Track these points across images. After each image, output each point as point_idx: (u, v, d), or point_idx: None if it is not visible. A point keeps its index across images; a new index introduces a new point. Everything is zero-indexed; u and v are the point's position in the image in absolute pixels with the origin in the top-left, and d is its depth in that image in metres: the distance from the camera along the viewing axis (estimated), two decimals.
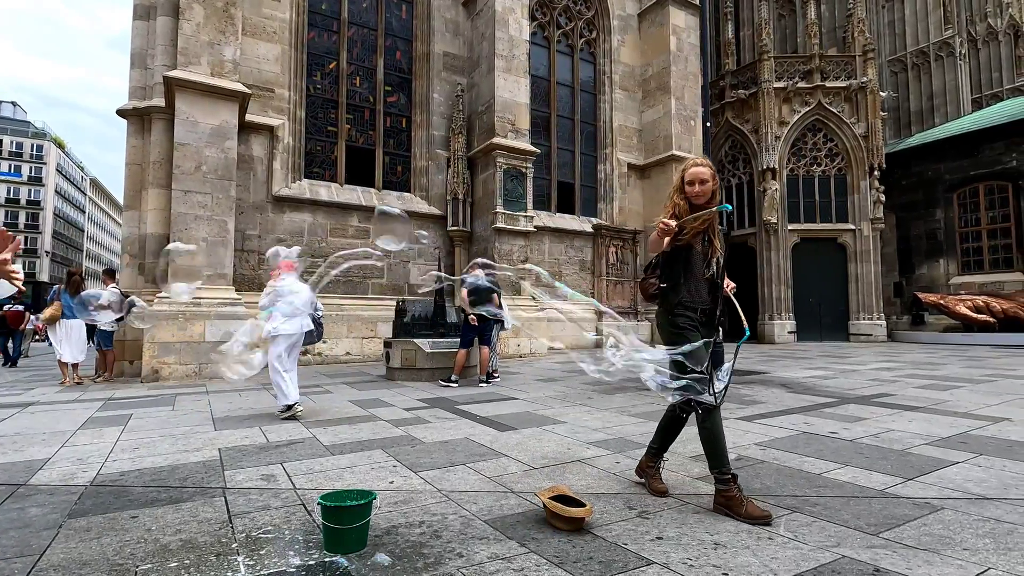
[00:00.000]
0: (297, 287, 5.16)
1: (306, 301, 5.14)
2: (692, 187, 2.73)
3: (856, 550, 2.10)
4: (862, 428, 4.32)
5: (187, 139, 8.73)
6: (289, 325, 5.09)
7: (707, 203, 2.72)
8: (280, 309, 5.03)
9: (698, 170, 2.75)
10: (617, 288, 14.74)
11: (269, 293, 5.11)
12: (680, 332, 2.72)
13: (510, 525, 2.42)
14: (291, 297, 5.05)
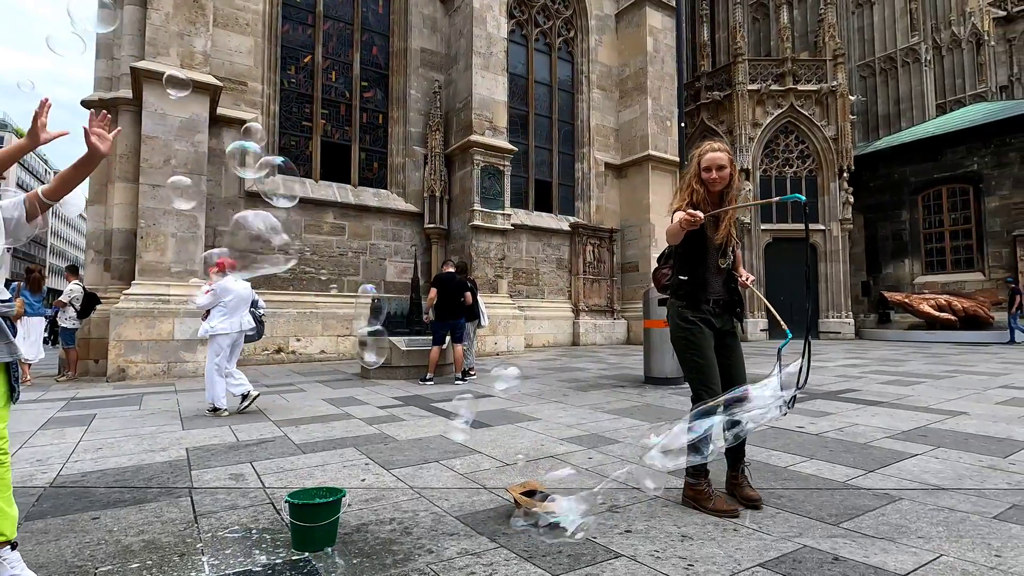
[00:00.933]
0: (235, 285, 5.16)
1: (243, 299, 5.20)
2: (709, 173, 2.62)
3: (817, 540, 2.16)
4: (828, 423, 4.43)
5: (156, 132, 8.51)
6: (226, 323, 5.10)
7: (725, 189, 2.64)
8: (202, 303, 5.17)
9: (715, 155, 2.62)
10: (594, 286, 14.85)
11: (208, 292, 5.12)
12: (688, 329, 2.70)
13: (481, 521, 2.42)
14: (228, 296, 5.09)
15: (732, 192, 2.67)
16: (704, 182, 2.65)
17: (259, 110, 10.64)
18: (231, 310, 5.14)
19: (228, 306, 5.13)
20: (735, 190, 2.69)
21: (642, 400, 5.67)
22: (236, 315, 5.16)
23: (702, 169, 2.65)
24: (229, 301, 5.10)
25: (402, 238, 12.15)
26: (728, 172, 2.63)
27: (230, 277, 5.14)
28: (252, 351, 9.63)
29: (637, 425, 4.43)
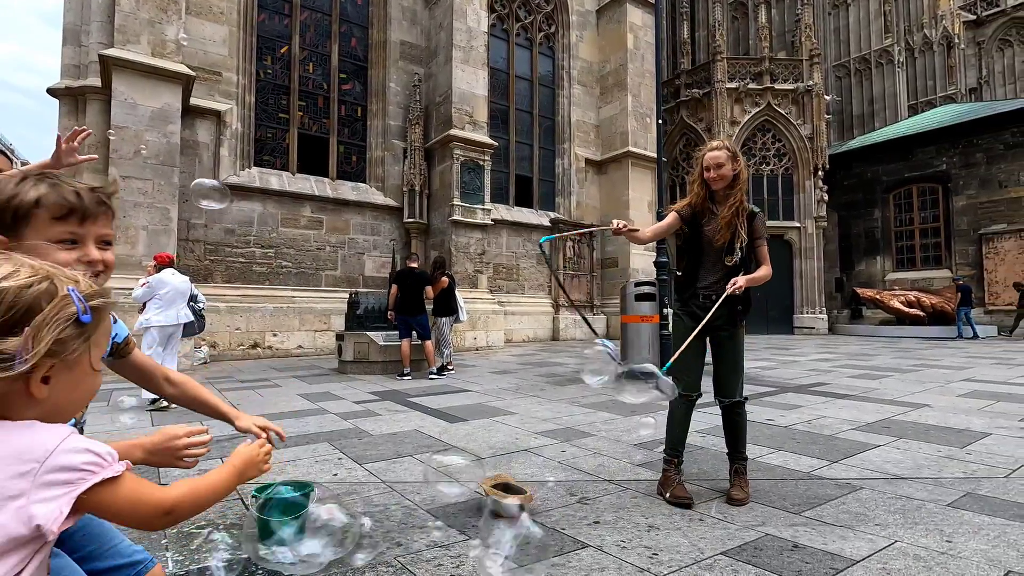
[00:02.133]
0: (170, 279, 5.26)
1: (180, 292, 5.29)
2: (709, 172, 2.65)
3: (779, 528, 2.22)
4: (797, 415, 4.54)
5: (125, 122, 8.30)
6: (162, 316, 5.18)
7: (728, 187, 2.64)
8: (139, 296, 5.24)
9: (713, 155, 2.65)
10: (574, 282, 14.92)
11: (144, 285, 5.24)
12: (676, 318, 2.79)
13: (452, 514, 2.43)
14: (164, 289, 5.17)
15: (738, 189, 2.65)
16: (706, 182, 2.68)
17: (234, 101, 10.45)
18: (167, 303, 5.22)
19: (164, 299, 5.21)
20: (741, 187, 2.66)
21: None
22: (172, 308, 5.24)
23: (703, 169, 2.68)
24: (165, 294, 5.19)
25: (381, 232, 12.06)
26: (728, 170, 2.64)
27: (167, 271, 5.31)
28: (228, 346, 9.50)
29: (612, 419, 4.48)
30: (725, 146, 2.69)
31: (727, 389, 2.75)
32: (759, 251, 2.70)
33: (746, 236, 2.65)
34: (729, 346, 2.74)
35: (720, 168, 2.63)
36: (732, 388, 2.74)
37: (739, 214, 2.64)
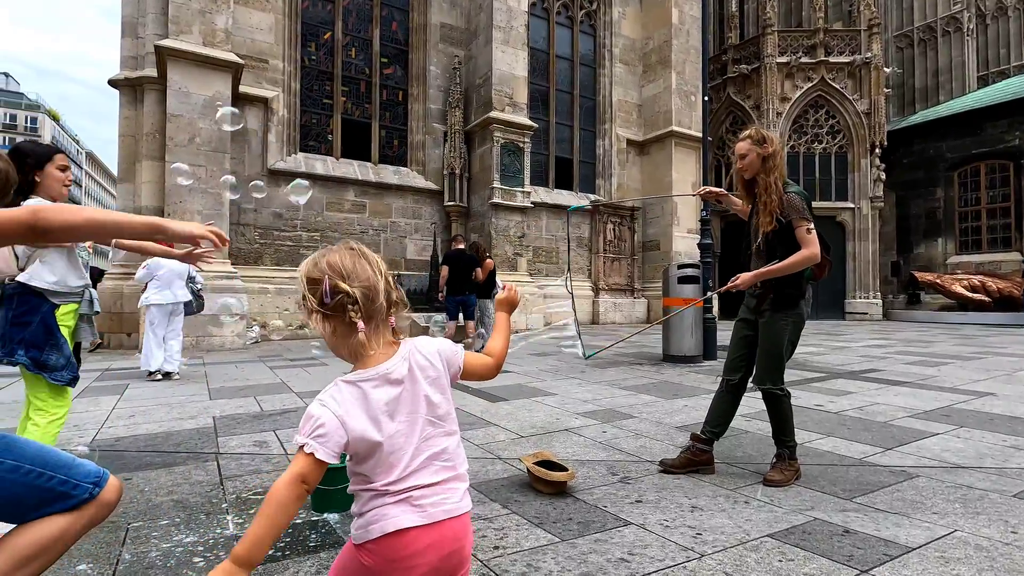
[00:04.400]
0: (167, 261, 5.66)
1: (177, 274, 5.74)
2: (737, 163, 2.72)
3: (829, 513, 2.16)
4: (848, 401, 4.38)
5: (180, 110, 8.64)
6: (159, 296, 5.64)
7: (758, 174, 2.64)
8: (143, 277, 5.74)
9: (737, 147, 2.72)
10: (614, 265, 14.75)
11: (143, 267, 5.75)
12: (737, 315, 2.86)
13: (494, 489, 2.48)
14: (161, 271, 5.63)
15: (770, 176, 2.60)
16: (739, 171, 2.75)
17: (280, 88, 10.70)
18: (164, 283, 5.67)
19: (162, 280, 5.67)
20: (773, 172, 2.61)
21: (659, 377, 5.67)
22: (169, 288, 5.69)
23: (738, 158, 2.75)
24: (162, 275, 5.63)
25: (422, 216, 12.20)
26: (751, 158, 2.65)
27: None
28: (277, 327, 9.86)
29: (653, 401, 4.44)
30: (748, 135, 2.70)
31: (755, 376, 2.73)
32: (796, 233, 2.57)
33: (775, 220, 2.57)
34: (763, 334, 2.69)
35: (744, 158, 2.68)
36: (759, 375, 2.70)
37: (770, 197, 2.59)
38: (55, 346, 2.18)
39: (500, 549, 1.86)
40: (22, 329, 2.13)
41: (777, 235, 2.60)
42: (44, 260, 2.19)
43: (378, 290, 0.96)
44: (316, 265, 0.96)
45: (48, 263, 2.20)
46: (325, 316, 0.95)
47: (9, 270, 2.15)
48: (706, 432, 2.74)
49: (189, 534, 1.99)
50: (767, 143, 2.64)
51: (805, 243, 2.55)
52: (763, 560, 1.77)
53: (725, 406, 2.79)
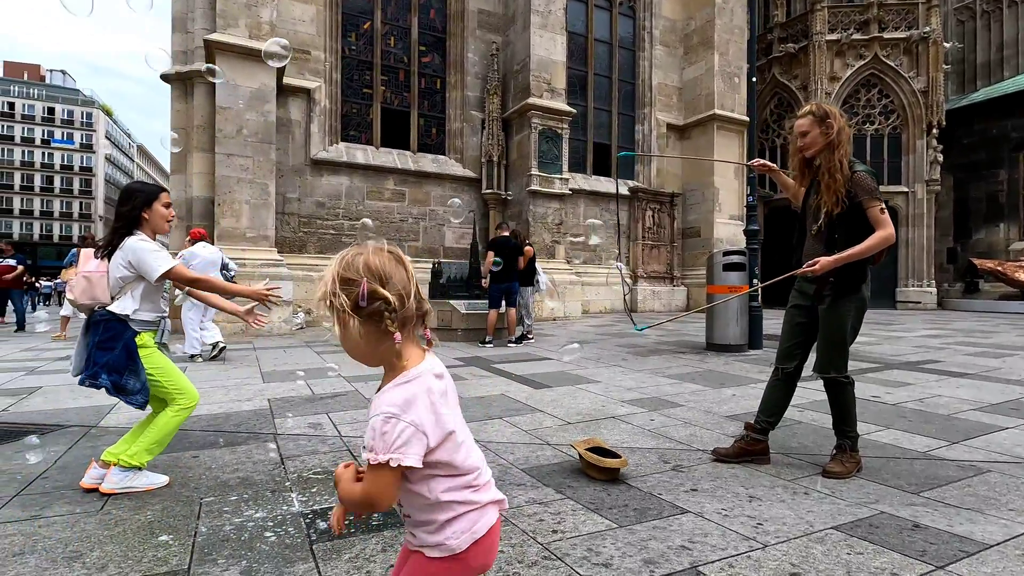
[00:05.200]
0: (201, 251, 6.09)
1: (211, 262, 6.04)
2: (798, 142, 2.60)
3: (895, 507, 2.09)
4: (906, 393, 4.22)
5: (228, 103, 8.88)
6: None
7: (820, 152, 2.53)
8: None
9: (797, 123, 2.61)
10: (653, 252, 14.52)
11: (178, 257, 5.94)
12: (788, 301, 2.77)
13: (546, 474, 2.49)
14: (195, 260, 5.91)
15: (835, 154, 2.48)
16: (800, 150, 2.64)
17: (322, 78, 10.87)
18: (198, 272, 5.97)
19: (196, 269, 5.93)
20: (838, 150, 2.49)
21: (704, 366, 5.57)
22: None
23: (797, 137, 2.65)
24: (196, 264, 5.88)
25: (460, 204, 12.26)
26: (813, 136, 2.54)
27: (199, 244, 6.23)
28: (320, 314, 10.11)
29: (700, 390, 4.37)
30: (810, 111, 2.58)
31: (818, 364, 2.63)
32: (868, 214, 2.46)
33: (840, 201, 2.45)
34: (825, 320, 2.59)
35: (805, 136, 2.57)
36: (821, 363, 2.61)
37: (835, 176, 2.46)
38: (134, 372, 2.30)
39: (559, 533, 1.88)
40: (106, 353, 2.27)
41: (842, 217, 2.49)
42: (134, 293, 2.33)
43: (412, 297, 0.91)
44: (351, 265, 0.89)
45: (136, 296, 2.34)
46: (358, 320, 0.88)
47: (104, 299, 2.32)
48: (760, 422, 2.69)
49: (258, 510, 2.07)
50: (831, 119, 2.52)
51: (880, 224, 2.44)
52: (830, 552, 1.73)
53: (779, 395, 2.72)
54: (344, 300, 0.87)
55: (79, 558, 1.68)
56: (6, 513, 2.02)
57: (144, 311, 2.37)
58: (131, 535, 1.85)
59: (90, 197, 62.08)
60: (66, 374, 5.17)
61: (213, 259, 6.18)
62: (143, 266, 2.29)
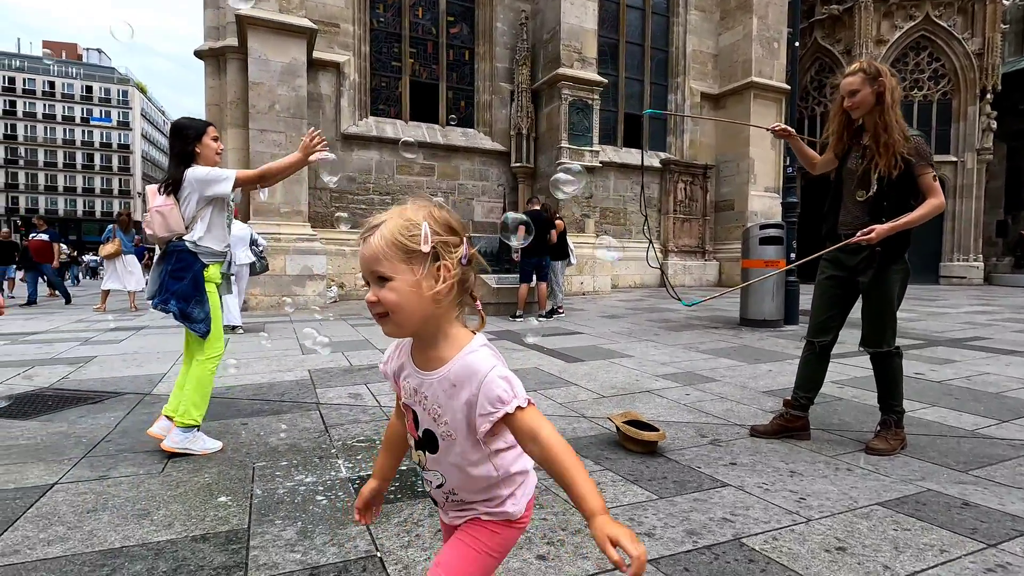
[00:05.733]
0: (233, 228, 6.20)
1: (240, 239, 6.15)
2: (845, 101, 2.46)
3: (943, 485, 2.06)
4: (952, 370, 4.10)
5: (260, 78, 8.94)
6: None
7: (871, 113, 2.40)
8: None
9: (846, 81, 2.45)
10: (685, 226, 14.25)
11: None
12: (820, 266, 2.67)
13: (584, 446, 2.52)
14: None
15: (888, 114, 2.35)
16: (846, 113, 2.50)
17: (351, 52, 10.83)
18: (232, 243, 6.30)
19: None
20: (891, 109, 2.35)
21: (738, 341, 5.50)
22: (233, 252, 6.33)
23: (841, 99, 2.50)
24: None
25: (489, 178, 12.19)
26: (865, 94, 2.39)
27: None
28: (354, 286, 10.29)
29: (735, 365, 4.33)
30: (861, 68, 2.43)
31: (866, 339, 2.56)
32: (921, 182, 2.36)
33: (891, 165, 2.34)
34: (871, 293, 2.51)
35: (855, 95, 2.42)
36: (871, 338, 2.53)
37: (892, 136, 2.33)
38: (199, 302, 2.45)
39: None
40: (177, 282, 2.42)
41: (893, 182, 2.37)
42: (203, 223, 2.46)
43: None
44: (442, 218, 0.82)
45: (206, 227, 2.47)
46: (453, 277, 0.80)
47: (179, 228, 2.44)
48: (799, 398, 2.65)
49: (308, 475, 2.16)
50: (883, 77, 2.38)
51: (932, 192, 2.34)
52: (876, 528, 1.72)
53: (814, 370, 2.67)
54: (451, 256, 0.80)
55: (147, 516, 1.79)
56: (76, 473, 2.16)
57: (212, 240, 2.49)
58: (192, 496, 1.95)
59: (128, 174, 63.84)
60: (118, 344, 5.42)
61: (242, 235, 6.23)
62: (213, 186, 2.42)
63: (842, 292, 2.59)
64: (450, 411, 0.83)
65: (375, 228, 0.79)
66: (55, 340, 5.65)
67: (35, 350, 5.03)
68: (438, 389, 0.84)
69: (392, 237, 0.77)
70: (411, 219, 0.79)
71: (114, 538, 1.64)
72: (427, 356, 0.85)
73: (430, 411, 0.86)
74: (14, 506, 1.84)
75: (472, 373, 0.80)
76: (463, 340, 0.84)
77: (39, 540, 1.62)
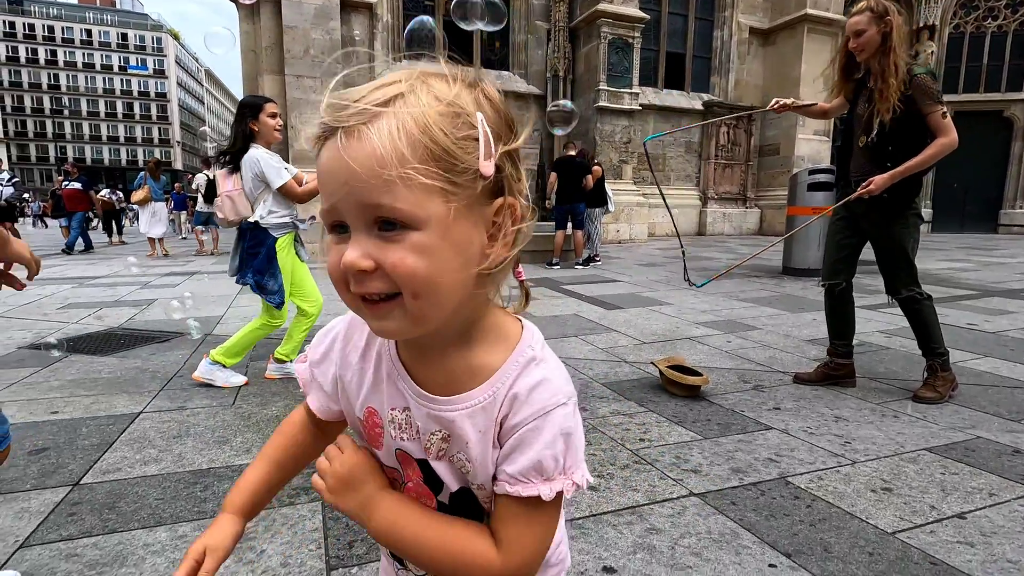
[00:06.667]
0: None
1: None
2: (851, 42, 2.37)
3: (994, 433, 2.05)
4: (1007, 321, 3.97)
5: (294, 21, 8.82)
6: None
7: (875, 55, 2.31)
8: None
9: (852, 20, 2.36)
10: (726, 172, 13.75)
11: None
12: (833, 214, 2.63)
13: (627, 389, 2.59)
14: None
15: (889, 56, 2.25)
16: (850, 52, 2.41)
17: None
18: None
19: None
20: (893, 51, 2.25)
21: (781, 290, 5.41)
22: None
23: (847, 40, 2.41)
24: None
25: (524, 122, 11.93)
26: (870, 35, 2.30)
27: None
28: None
29: (777, 314, 4.28)
30: (868, 6, 2.32)
31: (887, 284, 2.54)
32: (929, 120, 2.26)
33: (894, 107, 2.25)
34: (880, 240, 2.48)
35: (860, 35, 2.33)
36: (891, 283, 2.51)
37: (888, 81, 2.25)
38: (272, 274, 2.61)
39: (646, 442, 1.98)
40: (253, 258, 2.60)
41: (896, 126, 2.29)
42: (266, 200, 2.58)
43: None
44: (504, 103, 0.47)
45: (268, 201, 2.58)
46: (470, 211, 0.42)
47: (246, 212, 2.62)
48: (838, 347, 2.64)
49: None
50: (889, 15, 2.27)
51: (942, 130, 2.25)
52: (923, 472, 1.74)
53: (840, 316, 2.66)
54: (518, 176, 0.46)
55: (226, 442, 1.95)
56: (157, 404, 2.35)
57: (276, 216, 2.61)
58: (263, 425, 2.11)
59: (167, 123, 64.85)
60: (174, 288, 5.70)
61: None
62: (266, 176, 2.53)
63: (851, 234, 2.58)
64: (481, 468, 0.48)
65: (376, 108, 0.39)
66: (117, 284, 5.97)
67: (100, 293, 5.34)
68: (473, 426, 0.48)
69: (426, 133, 0.39)
70: (455, 102, 0.41)
71: (200, 460, 1.80)
72: (443, 368, 0.49)
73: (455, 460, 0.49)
74: (109, 431, 2.03)
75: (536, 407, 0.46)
76: (511, 333, 0.50)
77: (136, 460, 1.80)
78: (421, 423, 0.50)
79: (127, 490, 1.60)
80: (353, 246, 0.40)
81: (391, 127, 0.38)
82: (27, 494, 1.57)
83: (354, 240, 0.40)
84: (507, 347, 0.49)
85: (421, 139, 0.38)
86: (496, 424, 0.47)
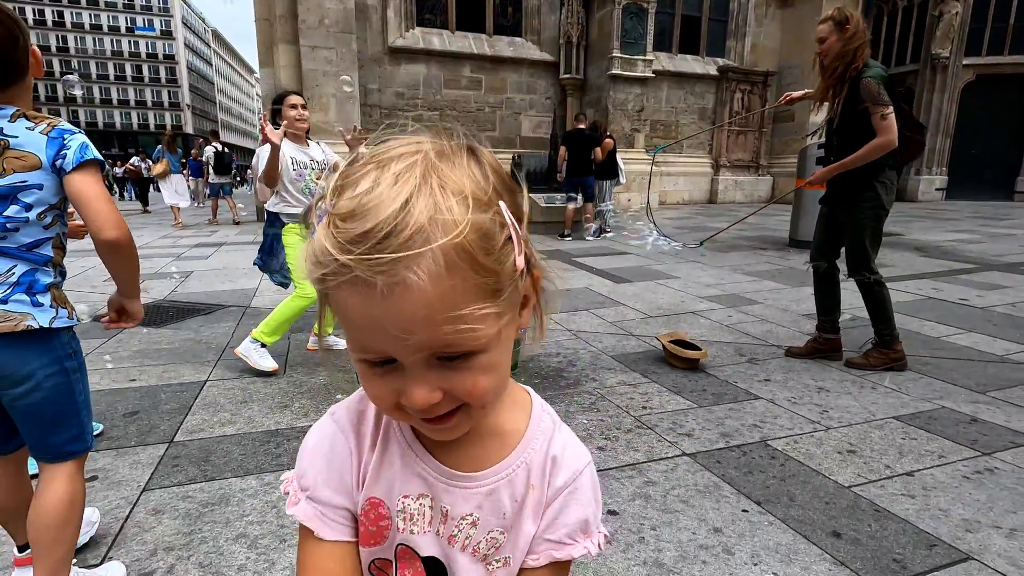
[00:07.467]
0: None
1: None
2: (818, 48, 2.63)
3: (958, 404, 2.31)
4: (998, 296, 4.17)
5: None
6: None
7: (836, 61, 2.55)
8: None
9: (818, 29, 2.64)
10: (739, 140, 13.69)
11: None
12: None
13: (632, 361, 2.87)
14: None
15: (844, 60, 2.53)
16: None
17: None
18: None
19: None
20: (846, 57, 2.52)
21: (784, 263, 5.62)
22: None
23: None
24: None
25: (537, 90, 11.92)
26: (831, 43, 2.57)
27: None
28: None
29: (779, 288, 4.52)
30: (831, 16, 2.60)
31: (847, 266, 2.78)
32: (872, 120, 2.50)
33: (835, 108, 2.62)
34: (845, 226, 2.74)
35: (823, 43, 2.61)
36: (848, 265, 2.76)
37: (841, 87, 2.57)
38: (274, 255, 2.88)
39: (647, 409, 2.27)
40: (264, 240, 2.90)
41: (843, 125, 2.59)
42: (278, 191, 2.81)
43: None
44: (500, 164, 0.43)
45: (279, 195, 2.80)
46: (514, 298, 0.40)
47: (264, 198, 2.93)
48: (824, 323, 2.89)
49: None
50: (847, 26, 2.52)
51: (879, 131, 2.49)
52: (886, 437, 2.02)
53: (824, 294, 2.92)
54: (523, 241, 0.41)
55: (287, 407, 2.27)
56: (219, 373, 2.67)
57: (285, 206, 2.81)
58: (315, 392, 2.43)
59: (176, 86, 64.39)
60: (206, 260, 6.02)
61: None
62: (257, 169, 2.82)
63: (831, 220, 2.84)
64: (514, 538, 0.48)
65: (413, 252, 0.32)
66: (152, 255, 6.31)
67: None
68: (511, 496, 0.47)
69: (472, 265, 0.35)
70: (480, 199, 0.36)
71: (268, 422, 2.12)
72: (476, 441, 0.47)
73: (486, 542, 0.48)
74: (184, 396, 2.36)
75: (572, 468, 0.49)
76: (520, 396, 0.52)
77: (214, 422, 2.12)
78: (450, 507, 0.46)
79: (214, 446, 1.92)
80: (417, 384, 0.37)
81: (438, 270, 0.33)
82: (133, 450, 1.91)
83: (413, 377, 0.37)
84: (524, 410, 0.50)
85: (471, 275, 0.34)
86: (542, 489, 0.47)
